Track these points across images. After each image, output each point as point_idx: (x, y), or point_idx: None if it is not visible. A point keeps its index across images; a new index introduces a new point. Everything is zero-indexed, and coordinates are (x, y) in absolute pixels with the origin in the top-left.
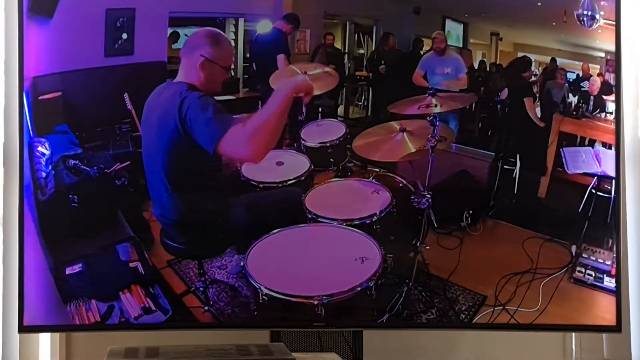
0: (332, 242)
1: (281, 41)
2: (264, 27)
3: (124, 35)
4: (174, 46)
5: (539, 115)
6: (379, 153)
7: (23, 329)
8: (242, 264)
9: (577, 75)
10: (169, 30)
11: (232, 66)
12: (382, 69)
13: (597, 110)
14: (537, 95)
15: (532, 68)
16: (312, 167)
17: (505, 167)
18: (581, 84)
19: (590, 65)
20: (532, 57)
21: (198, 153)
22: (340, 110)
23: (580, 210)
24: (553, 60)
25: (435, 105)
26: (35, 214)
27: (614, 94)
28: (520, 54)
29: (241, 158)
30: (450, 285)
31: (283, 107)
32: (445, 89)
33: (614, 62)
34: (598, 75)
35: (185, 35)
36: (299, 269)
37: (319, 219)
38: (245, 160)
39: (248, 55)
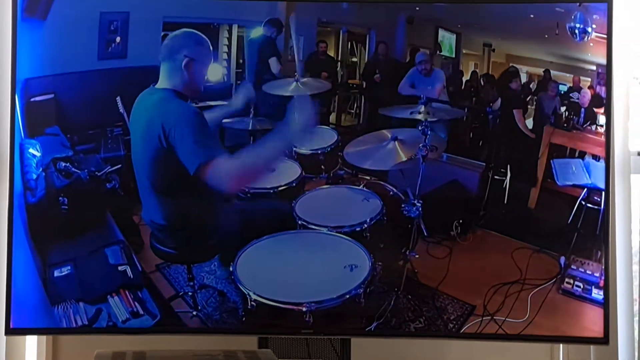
0: (321, 249)
1: (269, 45)
2: (255, 33)
3: (118, 39)
4: None
5: (529, 126)
6: (370, 161)
7: (10, 331)
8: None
9: (569, 87)
10: (163, 35)
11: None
12: (377, 78)
13: (588, 123)
14: (527, 106)
15: (522, 80)
16: (303, 173)
17: (495, 177)
18: (572, 96)
19: (581, 77)
20: (524, 68)
21: (181, 167)
22: (333, 117)
23: (569, 221)
24: (545, 72)
25: (428, 113)
26: (25, 216)
27: (604, 107)
28: (512, 66)
29: (223, 189)
30: (439, 294)
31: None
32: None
33: (605, 75)
34: (589, 87)
35: None
36: (288, 276)
37: (309, 226)
38: (225, 191)
39: (241, 61)
